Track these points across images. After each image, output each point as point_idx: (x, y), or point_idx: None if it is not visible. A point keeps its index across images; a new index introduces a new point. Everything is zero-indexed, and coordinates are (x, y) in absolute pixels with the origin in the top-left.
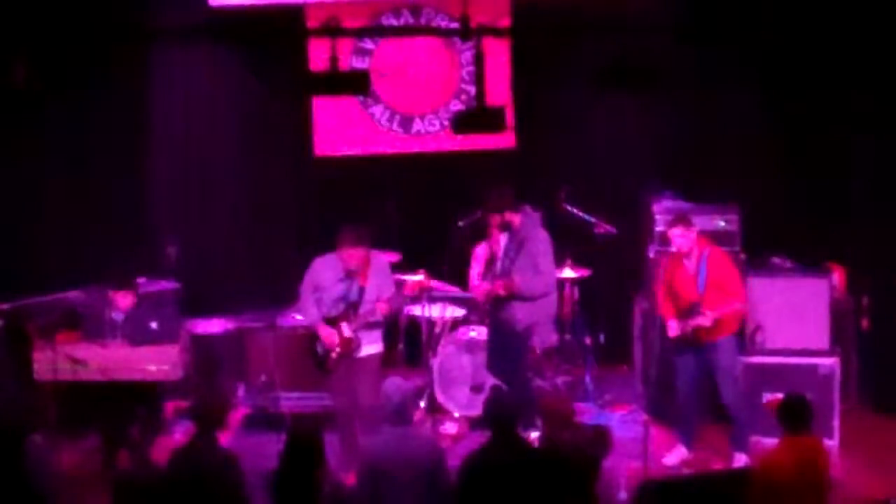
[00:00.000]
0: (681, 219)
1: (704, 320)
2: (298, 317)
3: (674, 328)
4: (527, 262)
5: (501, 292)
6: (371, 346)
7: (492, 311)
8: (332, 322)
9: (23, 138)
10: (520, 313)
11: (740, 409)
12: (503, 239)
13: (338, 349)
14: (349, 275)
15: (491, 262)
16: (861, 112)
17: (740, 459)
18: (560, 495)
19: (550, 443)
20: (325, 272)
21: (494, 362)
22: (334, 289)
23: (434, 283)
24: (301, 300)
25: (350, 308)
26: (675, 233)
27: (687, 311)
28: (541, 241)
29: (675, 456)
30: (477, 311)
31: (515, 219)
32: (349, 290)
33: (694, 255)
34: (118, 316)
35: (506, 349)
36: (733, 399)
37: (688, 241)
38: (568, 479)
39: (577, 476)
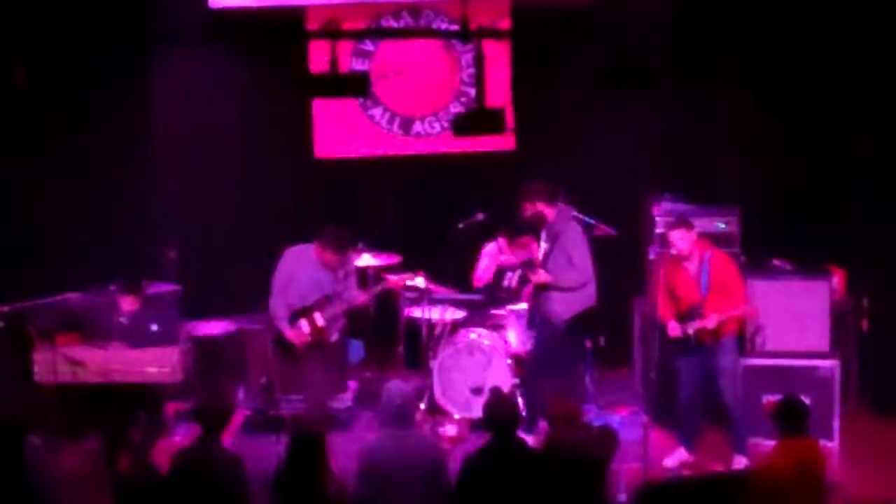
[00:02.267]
0: (681, 221)
1: (708, 322)
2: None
3: (674, 328)
4: (561, 255)
5: (539, 279)
6: (336, 333)
7: (535, 309)
8: (305, 312)
9: (23, 139)
10: (559, 306)
11: (741, 411)
12: (543, 234)
13: (308, 338)
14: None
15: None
16: (861, 112)
17: (740, 462)
18: (561, 497)
19: (554, 443)
20: (300, 264)
21: (538, 361)
22: (317, 283)
23: (435, 286)
24: (272, 295)
25: (324, 298)
26: (676, 235)
27: (687, 314)
28: (573, 235)
29: (675, 458)
30: (479, 313)
31: (549, 212)
32: (327, 283)
33: (695, 257)
34: (123, 319)
35: (543, 346)
36: (734, 400)
37: (688, 244)
38: (570, 481)
39: (583, 477)
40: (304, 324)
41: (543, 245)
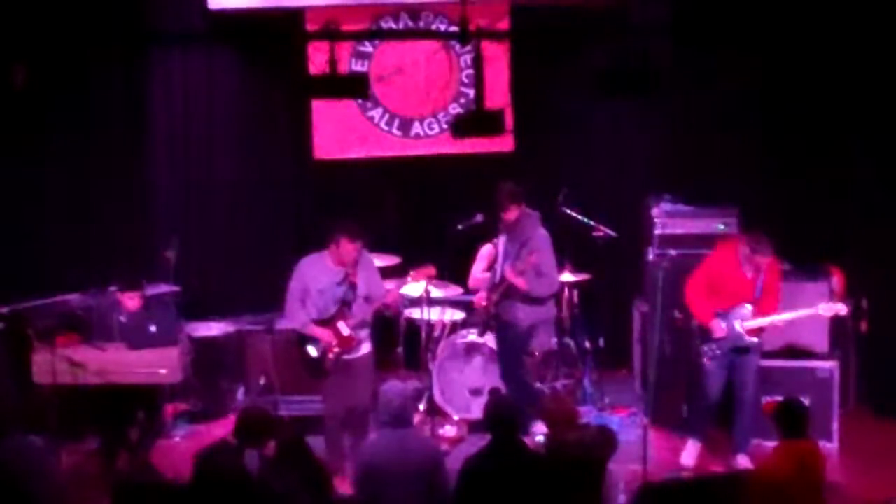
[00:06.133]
0: (768, 247)
1: (778, 321)
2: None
3: (721, 329)
4: (528, 262)
5: (514, 280)
6: (365, 346)
7: (496, 315)
8: (326, 324)
9: (23, 138)
10: (522, 314)
11: (755, 410)
12: (502, 240)
13: (336, 349)
14: (346, 277)
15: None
16: (861, 112)
17: (744, 460)
18: (561, 499)
19: (556, 445)
20: (315, 273)
21: (504, 367)
22: (332, 290)
23: (435, 284)
24: (288, 305)
25: (345, 306)
26: (766, 260)
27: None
28: (542, 242)
29: (691, 454)
30: (479, 319)
31: (510, 216)
32: (344, 291)
33: None
34: (124, 318)
35: (509, 351)
36: (754, 399)
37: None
38: (569, 482)
39: (584, 477)
40: (329, 333)
41: (502, 248)
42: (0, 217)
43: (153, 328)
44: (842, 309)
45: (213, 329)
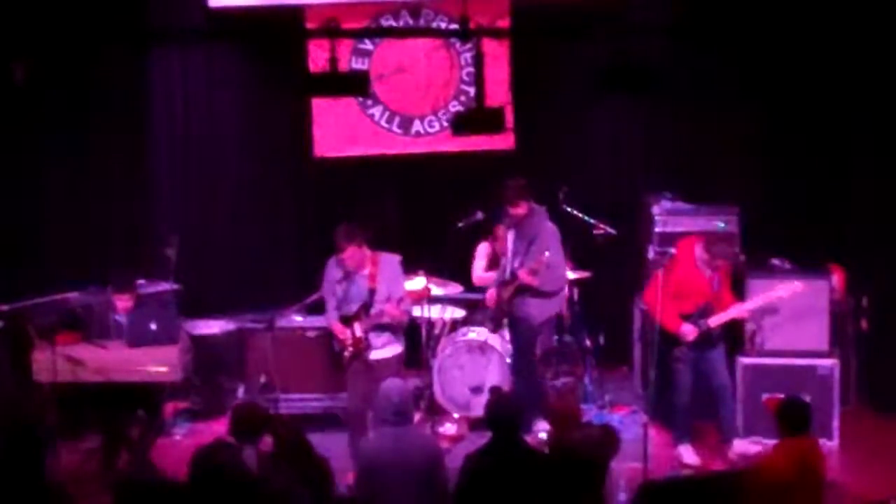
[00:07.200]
0: (722, 252)
1: (741, 312)
2: (298, 318)
3: (692, 331)
4: (538, 256)
5: (527, 280)
6: (389, 349)
7: (508, 312)
8: (348, 321)
9: (23, 137)
10: (534, 310)
11: (733, 394)
12: (510, 236)
13: (350, 348)
14: (347, 276)
15: (495, 263)
16: (861, 111)
17: (742, 444)
18: (562, 497)
19: (559, 443)
20: (334, 271)
21: (519, 363)
22: (331, 287)
23: (435, 281)
24: (324, 297)
25: (362, 309)
26: (720, 264)
27: (701, 312)
28: (551, 237)
29: (689, 454)
30: (492, 316)
31: (520, 210)
32: (357, 292)
33: None
34: (120, 318)
35: (522, 347)
36: (730, 383)
37: None
38: (571, 481)
39: (586, 477)
40: (347, 332)
41: (511, 244)
42: (0, 216)
43: (153, 326)
44: (797, 286)
45: (213, 327)
